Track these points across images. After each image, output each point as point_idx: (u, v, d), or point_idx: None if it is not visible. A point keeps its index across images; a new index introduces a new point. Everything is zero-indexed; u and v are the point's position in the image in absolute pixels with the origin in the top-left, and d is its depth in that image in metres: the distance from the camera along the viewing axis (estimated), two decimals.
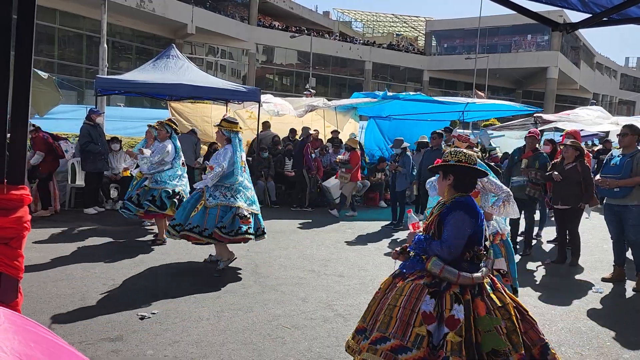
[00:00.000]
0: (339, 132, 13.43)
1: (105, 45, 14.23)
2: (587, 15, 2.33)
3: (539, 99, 44.31)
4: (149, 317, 4.42)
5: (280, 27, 41.57)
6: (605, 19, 2.22)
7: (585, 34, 51.49)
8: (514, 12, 2.53)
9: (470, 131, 14.86)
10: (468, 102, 12.40)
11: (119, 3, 27.06)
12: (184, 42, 34.50)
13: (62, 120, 12.73)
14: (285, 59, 44.38)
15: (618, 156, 6.10)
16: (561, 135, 9.28)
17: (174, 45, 12.15)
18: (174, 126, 7.46)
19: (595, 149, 18.10)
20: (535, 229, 9.17)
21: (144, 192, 6.98)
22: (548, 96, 44.14)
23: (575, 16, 2.27)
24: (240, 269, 6.08)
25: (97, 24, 21.24)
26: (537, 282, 6.28)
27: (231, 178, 5.90)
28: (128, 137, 12.23)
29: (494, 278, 3.00)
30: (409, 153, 10.05)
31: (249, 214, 5.95)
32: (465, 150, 3.12)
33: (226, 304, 4.85)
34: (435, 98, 13.71)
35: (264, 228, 6.18)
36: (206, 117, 13.37)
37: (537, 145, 7.99)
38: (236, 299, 5.00)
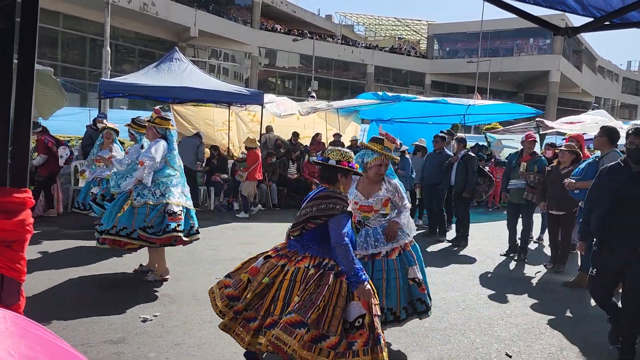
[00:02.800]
0: (341, 135, 13.44)
1: (109, 48, 14.29)
2: (588, 19, 2.34)
3: (541, 102, 44.26)
4: (151, 320, 4.42)
5: (282, 31, 41.64)
6: (606, 23, 2.22)
7: (587, 37, 51.48)
8: (516, 16, 2.54)
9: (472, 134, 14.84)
10: (470, 104, 12.35)
11: (122, 6, 27.17)
12: (186, 45, 34.59)
13: (65, 122, 12.76)
14: (288, 62, 44.45)
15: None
16: (564, 139, 9.24)
17: (177, 49, 12.19)
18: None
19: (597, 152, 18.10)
20: (537, 233, 9.16)
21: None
22: (550, 100, 44.10)
23: (577, 20, 2.29)
24: None
25: (100, 27, 21.28)
26: (534, 286, 6.26)
27: (163, 172, 5.52)
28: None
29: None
30: (407, 156, 10.04)
31: (180, 209, 5.46)
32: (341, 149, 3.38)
33: None
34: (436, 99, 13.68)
35: (197, 227, 5.68)
36: (208, 120, 13.40)
37: (535, 149, 7.95)
38: None
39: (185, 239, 5.46)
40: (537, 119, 12.54)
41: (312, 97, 20.05)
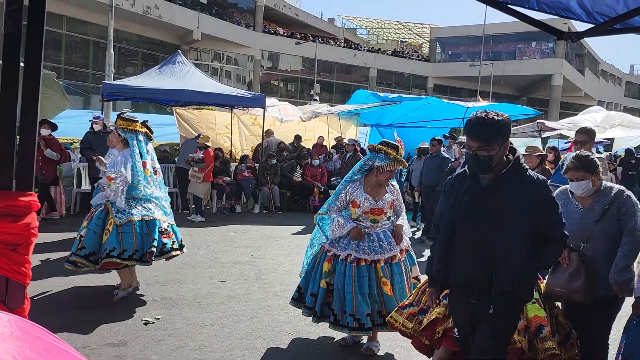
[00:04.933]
0: (343, 138, 13.46)
1: (112, 51, 14.34)
2: (592, 24, 2.34)
3: (544, 106, 44.20)
4: (153, 323, 4.42)
5: (285, 34, 41.72)
6: (609, 28, 2.23)
7: (590, 41, 51.43)
8: (518, 20, 2.54)
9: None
10: (469, 107, 12.32)
11: (126, 9, 27.25)
12: (189, 48, 34.67)
13: (68, 125, 12.80)
14: (290, 65, 44.50)
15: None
16: (569, 143, 9.23)
17: (179, 52, 12.22)
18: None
19: (599, 156, 18.06)
20: None
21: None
22: (552, 103, 44.06)
23: (579, 24, 2.28)
24: (244, 275, 6.08)
25: (104, 30, 21.37)
26: None
27: (135, 190, 4.95)
28: None
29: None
30: None
31: (168, 225, 5.14)
32: None
33: (230, 310, 4.85)
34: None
35: (181, 240, 5.35)
36: (211, 123, 13.43)
37: None
38: (240, 305, 5.00)
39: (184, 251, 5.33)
40: (538, 121, 12.53)
41: (315, 100, 20.09)
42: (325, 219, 4.21)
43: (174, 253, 5.12)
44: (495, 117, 2.37)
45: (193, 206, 10.21)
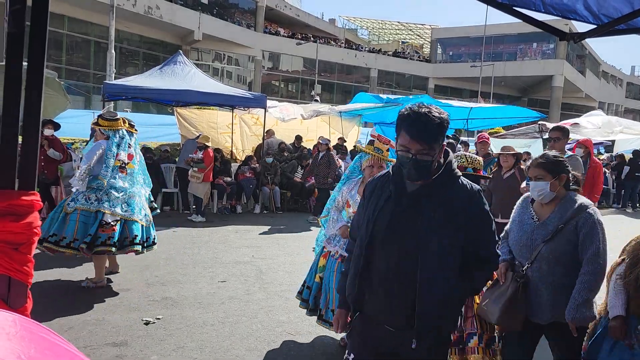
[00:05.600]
0: (345, 140, 13.46)
1: (113, 51, 14.35)
2: (593, 25, 2.34)
3: (545, 107, 44.21)
4: (154, 323, 4.43)
5: (286, 34, 41.75)
6: (612, 28, 2.23)
7: (591, 42, 51.47)
8: (519, 21, 2.54)
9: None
10: (472, 107, 12.31)
11: (127, 9, 27.28)
12: (190, 48, 34.70)
13: (69, 125, 12.82)
14: (291, 65, 44.54)
15: None
16: (573, 144, 9.20)
17: (181, 52, 12.23)
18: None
19: (601, 157, 18.10)
20: None
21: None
22: (553, 104, 44.07)
23: (581, 25, 2.29)
24: (245, 275, 6.08)
25: (105, 30, 21.39)
26: None
27: (94, 181, 5.15)
28: None
29: None
30: None
31: (114, 221, 5.14)
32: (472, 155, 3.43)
33: (230, 310, 4.85)
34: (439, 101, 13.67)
35: (154, 238, 5.52)
36: (212, 123, 13.44)
37: (488, 150, 7.78)
38: (241, 305, 5.00)
39: (142, 251, 5.39)
40: (540, 122, 12.51)
41: (316, 100, 20.08)
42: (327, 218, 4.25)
43: (106, 248, 5.08)
44: (437, 114, 1.98)
45: (194, 206, 10.21)
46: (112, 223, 5.09)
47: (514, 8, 2.26)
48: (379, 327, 2.15)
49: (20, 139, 1.36)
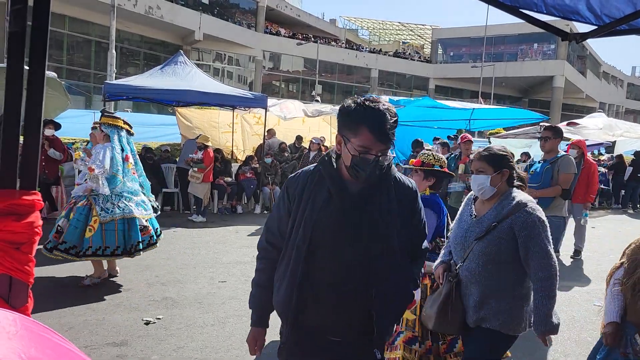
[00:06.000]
0: None
1: (114, 51, 14.36)
2: (595, 26, 2.34)
3: (545, 107, 44.22)
4: (154, 323, 4.43)
5: (287, 35, 41.76)
6: (614, 29, 2.22)
7: (592, 43, 51.46)
8: (520, 21, 2.53)
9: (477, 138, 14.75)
10: (474, 108, 12.29)
11: (128, 9, 27.30)
12: (191, 48, 34.71)
13: (70, 125, 12.83)
14: (292, 66, 44.55)
15: (539, 162, 5.64)
16: (567, 145, 9.20)
17: (181, 52, 12.23)
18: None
19: (602, 158, 18.10)
20: None
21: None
22: (554, 105, 44.07)
23: (583, 25, 2.28)
24: (245, 275, 6.08)
25: (105, 30, 21.41)
26: None
27: (114, 182, 5.24)
28: (135, 143, 12.31)
29: None
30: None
31: (146, 221, 5.49)
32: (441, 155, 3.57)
33: (231, 310, 4.85)
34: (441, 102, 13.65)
35: (157, 229, 5.73)
36: (213, 122, 13.44)
37: (471, 151, 7.77)
38: (241, 305, 4.99)
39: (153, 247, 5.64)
40: (542, 123, 12.49)
41: (317, 101, 20.07)
42: None
43: (149, 249, 5.53)
44: (394, 111, 1.85)
45: (194, 207, 10.21)
46: (147, 225, 5.45)
47: (515, 8, 2.26)
48: (324, 339, 1.96)
49: (21, 138, 1.36)
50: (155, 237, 5.61)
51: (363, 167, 1.83)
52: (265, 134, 12.10)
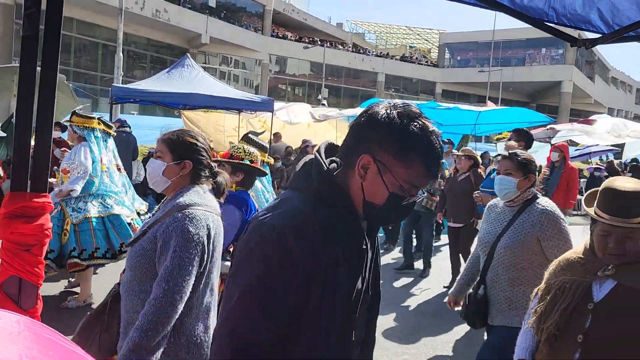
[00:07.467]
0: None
1: (121, 54, 14.44)
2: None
3: (553, 113, 44.02)
4: None
5: (293, 38, 41.87)
6: (623, 35, 2.21)
7: (600, 48, 51.20)
8: (528, 26, 2.53)
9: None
10: (480, 111, 12.13)
11: (135, 13, 27.47)
12: (197, 51, 34.86)
13: None
14: (298, 69, 44.65)
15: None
16: (578, 150, 9.11)
17: (188, 55, 12.29)
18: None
19: (607, 160, 17.97)
20: None
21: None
22: (562, 110, 43.88)
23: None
24: None
25: (113, 33, 21.56)
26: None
27: (91, 185, 4.83)
28: (141, 145, 12.36)
29: None
30: None
31: (131, 220, 5.04)
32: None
33: None
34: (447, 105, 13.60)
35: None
36: (219, 126, 13.48)
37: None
38: None
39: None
40: (549, 126, 12.37)
41: (323, 104, 20.08)
42: None
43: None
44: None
45: None
46: (131, 223, 4.93)
47: (526, 15, 2.25)
48: None
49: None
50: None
51: (403, 211, 1.30)
52: (272, 136, 12.12)
